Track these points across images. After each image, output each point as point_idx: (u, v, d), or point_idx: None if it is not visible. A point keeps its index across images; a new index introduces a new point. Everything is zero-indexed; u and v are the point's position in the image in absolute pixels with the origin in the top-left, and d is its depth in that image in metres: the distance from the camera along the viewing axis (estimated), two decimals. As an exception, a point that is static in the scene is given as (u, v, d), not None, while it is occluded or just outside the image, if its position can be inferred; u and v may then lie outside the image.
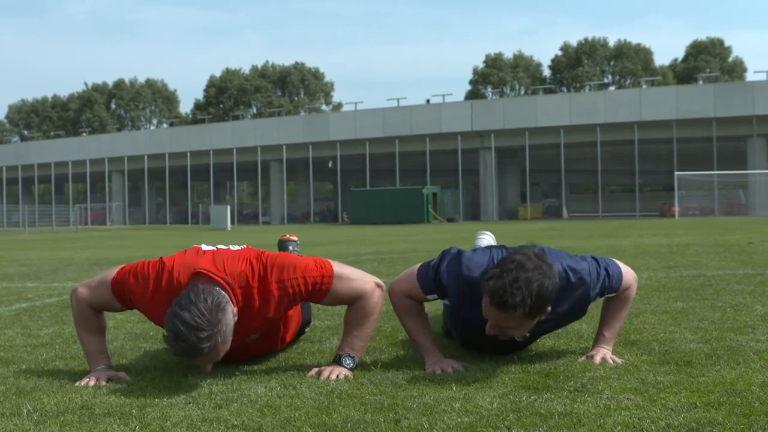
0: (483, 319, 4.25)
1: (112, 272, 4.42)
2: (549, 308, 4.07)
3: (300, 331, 5.38)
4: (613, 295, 4.56)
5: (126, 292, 4.34)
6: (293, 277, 4.31)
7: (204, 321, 3.84)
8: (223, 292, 4.04)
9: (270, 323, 4.46)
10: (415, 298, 4.53)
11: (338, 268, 4.43)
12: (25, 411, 3.55)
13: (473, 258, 4.36)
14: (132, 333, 6.05)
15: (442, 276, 4.39)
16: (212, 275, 4.09)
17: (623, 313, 4.68)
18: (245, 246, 4.55)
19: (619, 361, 4.36)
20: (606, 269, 4.45)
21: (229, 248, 4.47)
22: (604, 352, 4.46)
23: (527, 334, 4.31)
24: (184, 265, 4.26)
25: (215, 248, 4.44)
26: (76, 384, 4.15)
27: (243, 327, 4.24)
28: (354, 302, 4.44)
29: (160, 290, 4.23)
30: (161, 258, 4.37)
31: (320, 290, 4.35)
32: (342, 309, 4.66)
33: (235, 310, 4.09)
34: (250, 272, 4.27)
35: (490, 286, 3.94)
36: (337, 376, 4.13)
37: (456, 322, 4.79)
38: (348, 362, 4.30)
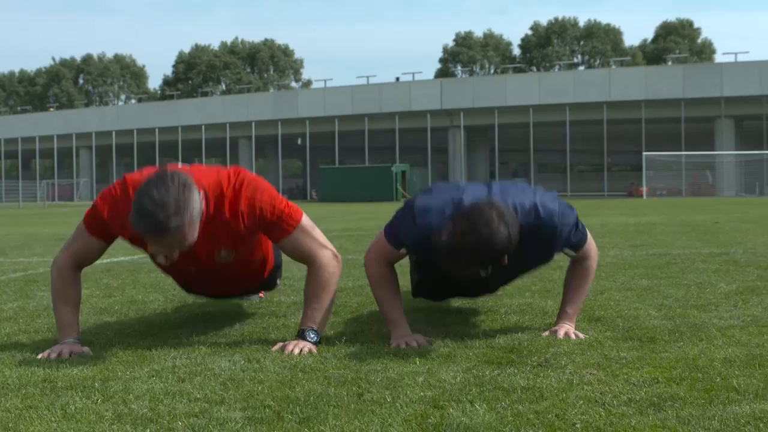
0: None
1: (81, 219, 4.41)
2: (506, 257, 3.97)
3: (273, 275, 5.39)
4: (573, 254, 4.55)
5: (100, 222, 4.31)
6: (264, 200, 4.31)
7: (171, 199, 3.81)
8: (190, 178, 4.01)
9: (241, 242, 4.46)
10: (389, 260, 4.49)
11: (307, 221, 4.46)
12: (-14, 384, 3.53)
13: (426, 205, 4.29)
14: (96, 307, 6.02)
15: (399, 231, 4.37)
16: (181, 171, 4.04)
17: (584, 288, 4.67)
18: None
19: (582, 336, 4.38)
20: (576, 222, 4.43)
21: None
22: (567, 328, 4.47)
23: (489, 271, 4.23)
24: (150, 171, 4.19)
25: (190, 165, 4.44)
26: (38, 357, 4.12)
27: (212, 235, 4.25)
28: (309, 267, 4.46)
29: (130, 202, 4.10)
30: (123, 175, 4.35)
31: (282, 228, 4.36)
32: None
33: (202, 194, 4.06)
34: (226, 181, 4.27)
35: (440, 249, 3.94)
36: (301, 351, 4.12)
37: (421, 274, 4.80)
38: (311, 336, 4.29)
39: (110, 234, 4.38)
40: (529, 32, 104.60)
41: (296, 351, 4.11)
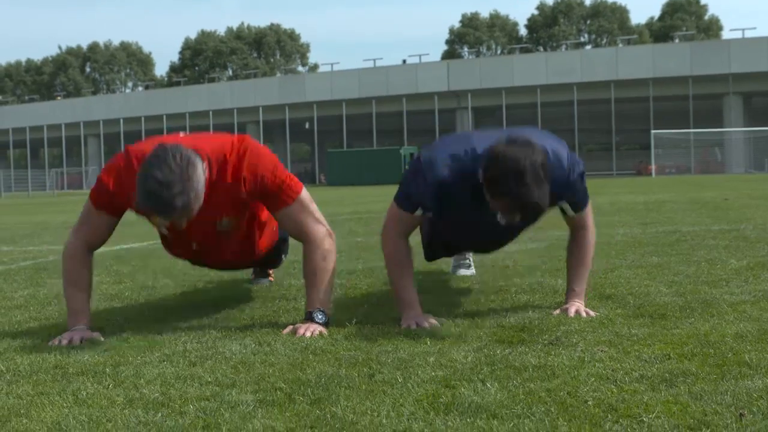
0: (466, 214, 4.25)
1: (87, 199, 4.41)
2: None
3: (277, 249, 5.38)
4: (572, 214, 4.50)
5: (106, 195, 4.30)
6: (267, 168, 4.31)
7: (175, 177, 3.80)
8: (192, 150, 3.99)
9: (242, 209, 4.46)
10: (405, 230, 4.46)
11: (306, 195, 4.45)
12: (-3, 371, 3.54)
13: (432, 158, 4.28)
14: (107, 294, 6.03)
15: (411, 192, 4.34)
16: (182, 144, 4.03)
17: (587, 264, 4.64)
18: None
19: (593, 314, 4.36)
20: (583, 174, 4.39)
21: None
22: (578, 306, 4.45)
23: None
24: (154, 142, 4.19)
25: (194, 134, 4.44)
26: (49, 344, 4.12)
27: (214, 203, 4.23)
28: (304, 245, 4.46)
29: (134, 172, 4.06)
30: (125, 147, 4.35)
31: (280, 197, 4.35)
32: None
33: (205, 165, 4.06)
34: (229, 147, 4.26)
35: (504, 201, 3.89)
36: (312, 333, 4.12)
37: (435, 231, 4.80)
38: (320, 317, 4.28)
39: (117, 207, 4.35)
40: (536, 12, 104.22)
41: (307, 334, 4.10)
